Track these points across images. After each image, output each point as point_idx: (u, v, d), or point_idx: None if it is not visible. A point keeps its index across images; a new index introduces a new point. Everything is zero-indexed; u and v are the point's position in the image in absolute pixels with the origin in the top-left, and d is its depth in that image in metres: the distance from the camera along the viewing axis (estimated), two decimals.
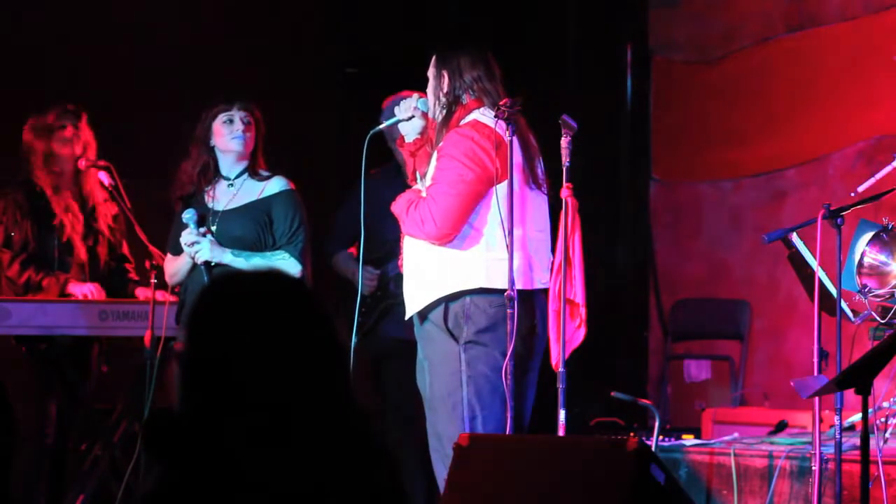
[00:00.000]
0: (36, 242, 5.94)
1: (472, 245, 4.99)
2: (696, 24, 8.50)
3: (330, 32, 7.90)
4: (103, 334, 5.98)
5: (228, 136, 5.61)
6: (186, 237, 5.52)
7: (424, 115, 5.17)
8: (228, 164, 5.67)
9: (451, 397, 4.97)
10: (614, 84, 8.63)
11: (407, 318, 5.14)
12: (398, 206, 5.09)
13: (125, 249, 6.22)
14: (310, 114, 7.78)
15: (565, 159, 4.97)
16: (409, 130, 5.19)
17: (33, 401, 5.84)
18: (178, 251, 5.63)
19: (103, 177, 5.96)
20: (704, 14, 8.46)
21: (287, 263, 5.56)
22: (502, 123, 4.93)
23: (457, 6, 7.95)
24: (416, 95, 5.26)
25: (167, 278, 5.71)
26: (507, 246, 4.88)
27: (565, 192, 4.98)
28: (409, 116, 5.17)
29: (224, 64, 7.30)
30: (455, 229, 4.96)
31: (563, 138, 4.97)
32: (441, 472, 4.87)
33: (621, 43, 8.67)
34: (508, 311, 4.85)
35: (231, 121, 5.62)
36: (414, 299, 5.09)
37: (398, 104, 5.24)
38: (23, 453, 5.79)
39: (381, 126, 5.32)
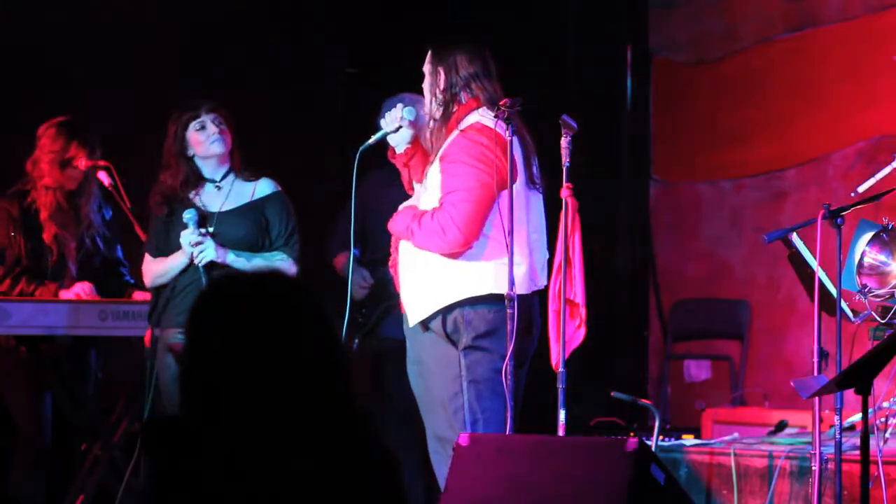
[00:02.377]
0: (28, 258, 5.89)
1: (481, 251, 4.93)
2: (696, 24, 8.50)
3: (330, 32, 7.89)
4: (103, 334, 5.96)
5: (206, 142, 5.58)
6: (190, 237, 5.49)
7: (411, 123, 5.11)
8: (211, 168, 5.65)
9: (453, 402, 4.94)
10: (614, 84, 8.63)
11: (411, 325, 5.05)
12: (400, 224, 5.01)
13: (119, 253, 6.18)
14: (310, 114, 7.78)
15: (565, 159, 4.94)
16: (399, 141, 5.12)
17: (33, 401, 5.84)
18: (161, 252, 5.60)
19: (103, 177, 5.93)
20: (704, 14, 8.46)
21: (286, 265, 5.57)
22: (502, 124, 4.89)
23: (457, 6, 7.94)
24: (399, 105, 5.14)
25: (150, 279, 5.64)
26: (507, 246, 4.85)
27: (565, 192, 4.95)
28: (395, 128, 5.10)
29: (224, 64, 7.30)
30: (476, 236, 4.90)
31: (563, 138, 4.94)
32: (444, 475, 4.85)
33: (621, 43, 8.67)
34: (508, 311, 4.83)
35: (203, 126, 5.59)
36: (420, 307, 5.01)
37: (383, 117, 5.17)
38: (22, 453, 5.79)
39: (370, 142, 5.17)
